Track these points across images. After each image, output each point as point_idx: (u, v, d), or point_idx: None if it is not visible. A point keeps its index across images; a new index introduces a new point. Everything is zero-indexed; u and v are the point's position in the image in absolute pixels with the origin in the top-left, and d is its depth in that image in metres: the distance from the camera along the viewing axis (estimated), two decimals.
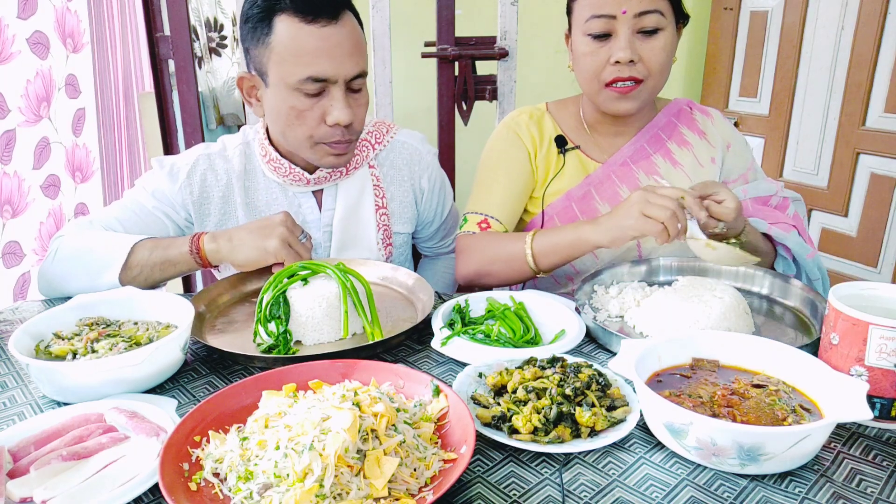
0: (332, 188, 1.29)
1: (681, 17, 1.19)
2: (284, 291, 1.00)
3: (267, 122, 1.23)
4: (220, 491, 0.66)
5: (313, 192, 1.29)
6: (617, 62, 1.13)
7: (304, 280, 1.03)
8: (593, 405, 0.76)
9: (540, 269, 1.16)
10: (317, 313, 0.99)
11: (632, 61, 1.13)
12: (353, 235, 1.30)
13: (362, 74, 1.14)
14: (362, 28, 1.18)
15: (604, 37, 1.14)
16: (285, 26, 1.07)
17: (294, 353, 0.96)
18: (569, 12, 1.22)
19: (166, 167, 1.26)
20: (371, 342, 0.94)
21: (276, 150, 1.25)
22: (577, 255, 1.12)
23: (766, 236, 1.21)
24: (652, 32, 1.13)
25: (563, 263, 1.14)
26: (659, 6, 1.12)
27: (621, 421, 0.75)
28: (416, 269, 1.55)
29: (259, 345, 0.98)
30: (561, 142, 1.30)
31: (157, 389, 0.89)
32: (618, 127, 1.30)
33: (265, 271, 1.16)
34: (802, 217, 1.29)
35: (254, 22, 1.10)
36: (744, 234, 1.12)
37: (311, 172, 1.25)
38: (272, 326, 0.98)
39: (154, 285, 1.17)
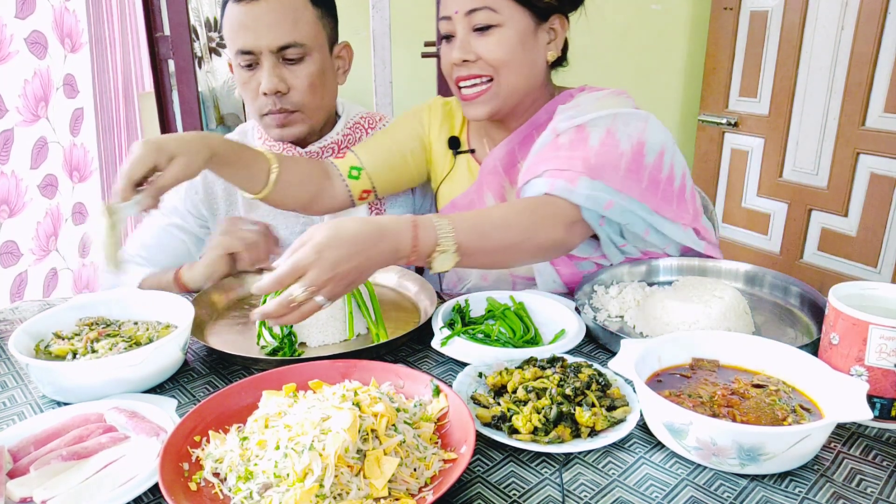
0: None
1: (546, 12, 1.10)
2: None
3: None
4: (220, 491, 0.66)
5: None
6: (456, 63, 1.11)
7: None
8: (593, 405, 0.76)
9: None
10: (321, 315, 0.99)
11: (466, 60, 1.09)
12: (344, 214, 1.31)
13: (294, 45, 1.16)
14: (319, 2, 1.21)
15: (449, 38, 1.12)
16: (228, 8, 1.18)
17: (299, 354, 0.96)
18: None
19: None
20: (375, 343, 0.94)
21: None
22: None
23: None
24: (485, 29, 1.07)
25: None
26: (487, 2, 1.06)
27: (621, 421, 0.75)
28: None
29: (263, 347, 0.98)
30: (455, 143, 1.27)
31: (157, 389, 0.89)
32: (499, 127, 1.22)
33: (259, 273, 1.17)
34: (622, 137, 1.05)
35: (220, 10, 1.23)
36: (444, 244, 0.87)
37: (302, 147, 1.29)
38: (276, 328, 0.98)
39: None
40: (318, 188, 1.20)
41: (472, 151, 1.28)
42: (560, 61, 1.20)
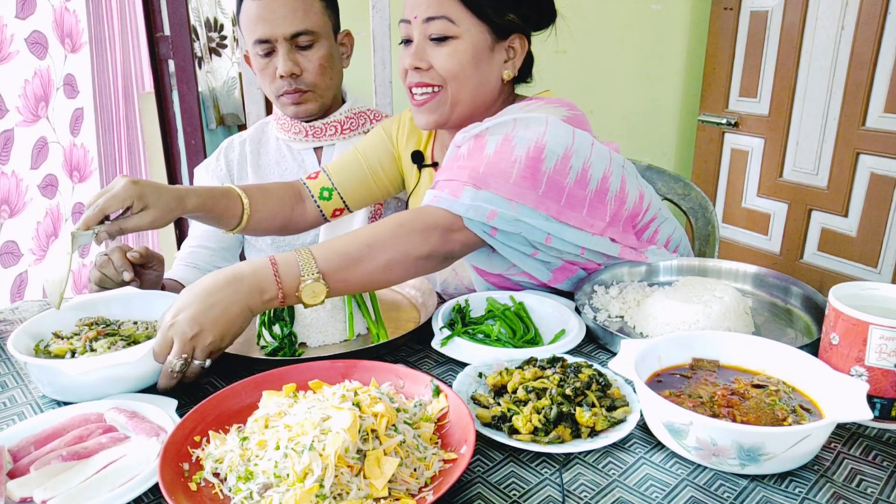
0: (331, 147, 1.47)
1: (506, 30, 1.08)
2: None
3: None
4: (220, 491, 0.66)
5: (315, 150, 1.48)
6: (408, 68, 1.10)
7: None
8: (593, 405, 0.76)
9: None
10: (321, 315, 0.99)
11: (418, 67, 1.08)
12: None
13: (305, 32, 1.32)
14: None
15: (408, 42, 1.11)
16: (244, 5, 1.33)
17: (300, 354, 0.96)
18: None
19: (201, 166, 1.53)
20: (376, 343, 0.94)
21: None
22: None
23: None
24: (441, 39, 1.06)
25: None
26: (448, 13, 1.04)
27: (621, 421, 0.75)
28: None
29: (263, 347, 0.98)
30: (417, 157, 1.28)
31: (157, 389, 0.89)
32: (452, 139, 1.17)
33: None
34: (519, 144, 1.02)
35: (236, 6, 1.38)
36: (307, 278, 0.86)
37: (308, 122, 1.44)
38: (277, 329, 0.98)
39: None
40: (290, 215, 1.27)
41: (436, 165, 1.28)
42: (523, 77, 1.18)
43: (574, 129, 1.05)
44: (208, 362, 0.84)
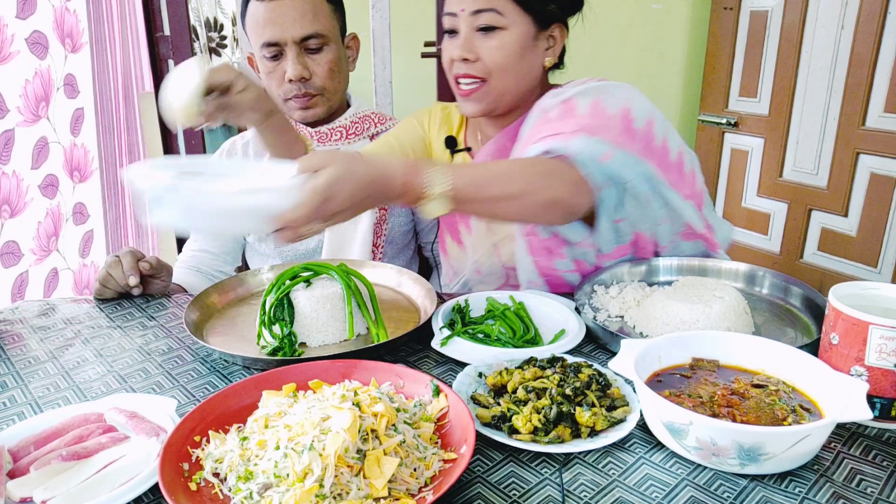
0: None
1: (548, 20, 1.12)
2: (288, 293, 1.00)
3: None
4: (220, 491, 0.66)
5: None
6: (456, 59, 1.13)
7: (308, 282, 1.03)
8: (593, 405, 0.76)
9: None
10: (321, 315, 0.99)
11: (467, 59, 1.11)
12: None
13: (315, 35, 1.31)
14: (331, 0, 1.35)
15: (452, 33, 1.14)
16: (251, 6, 1.32)
17: (300, 354, 0.96)
18: None
19: None
20: (375, 343, 0.94)
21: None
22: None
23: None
24: (489, 30, 1.09)
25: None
26: (496, 5, 1.08)
27: (621, 421, 0.75)
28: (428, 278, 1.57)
29: (263, 347, 0.98)
30: (451, 142, 1.30)
31: (157, 389, 0.89)
32: (493, 124, 1.24)
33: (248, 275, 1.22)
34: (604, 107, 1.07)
35: (241, 8, 1.36)
36: (436, 186, 0.87)
37: (314, 128, 1.43)
38: (276, 329, 0.98)
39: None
40: None
41: (469, 150, 1.30)
42: (557, 65, 1.22)
43: (654, 106, 1.10)
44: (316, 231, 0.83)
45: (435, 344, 0.95)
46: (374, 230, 1.40)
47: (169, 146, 2.25)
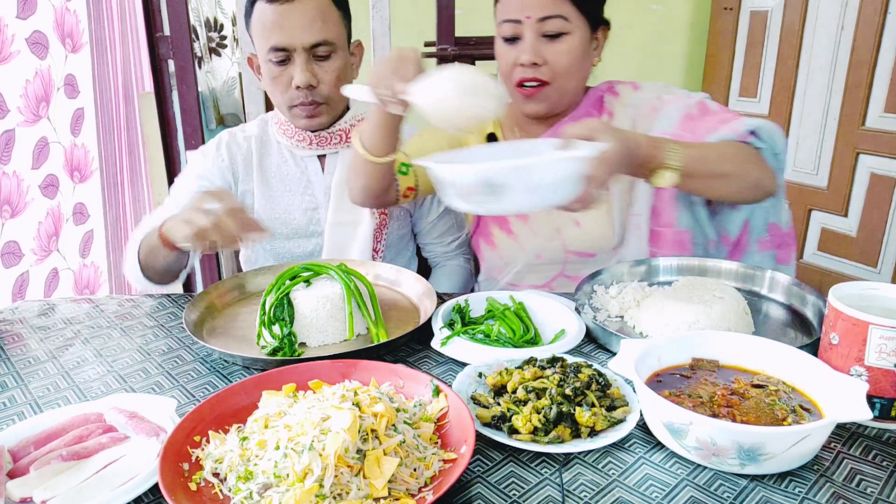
0: (335, 155, 1.41)
1: (597, 22, 1.21)
2: (288, 293, 1.00)
3: (267, 92, 1.42)
4: (220, 491, 0.66)
5: (319, 158, 1.41)
6: (522, 64, 1.17)
7: (307, 282, 1.03)
8: (593, 405, 0.76)
9: (369, 150, 1.11)
10: (321, 314, 0.99)
11: (535, 63, 1.16)
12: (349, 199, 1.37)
13: (324, 43, 1.27)
14: (341, 4, 1.32)
15: (513, 40, 1.18)
16: (258, 8, 1.27)
17: (299, 354, 0.96)
18: (494, 14, 1.25)
19: (198, 151, 1.45)
20: (376, 343, 0.94)
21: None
22: (379, 118, 1.08)
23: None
24: (556, 36, 1.16)
25: (381, 133, 1.10)
26: (562, 11, 1.14)
27: (621, 421, 0.75)
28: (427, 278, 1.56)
29: (263, 347, 0.98)
30: (493, 138, 1.34)
31: (157, 389, 0.89)
32: (535, 121, 1.30)
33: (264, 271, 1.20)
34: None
35: (246, 8, 1.32)
36: (672, 160, 0.98)
37: (314, 132, 1.38)
38: (276, 329, 0.98)
39: (167, 275, 1.24)
40: (391, 181, 1.22)
41: None
42: None
43: None
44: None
45: (435, 344, 0.95)
46: (374, 235, 1.39)
47: (169, 146, 2.24)
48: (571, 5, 1.15)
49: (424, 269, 1.58)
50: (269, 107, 2.42)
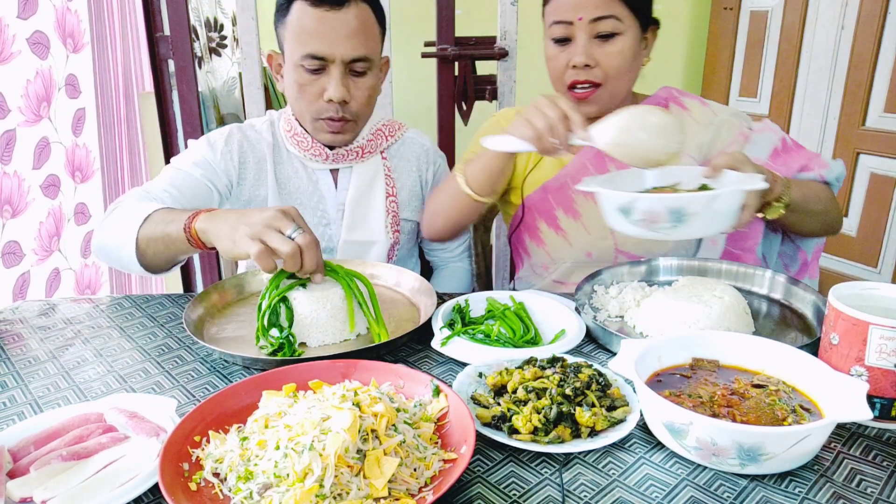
0: (348, 170, 1.36)
1: (647, 22, 1.21)
2: (282, 297, 0.99)
3: (287, 97, 1.33)
4: (220, 491, 0.66)
5: (331, 171, 1.36)
6: (574, 66, 1.17)
7: (303, 284, 1.01)
8: (593, 405, 0.76)
9: (475, 190, 1.16)
10: (321, 314, 0.99)
11: (588, 65, 1.16)
12: (363, 216, 1.36)
13: (364, 59, 1.22)
14: (381, 19, 1.27)
15: (564, 41, 1.18)
16: (297, 8, 1.20)
17: (300, 354, 0.96)
18: (543, 16, 1.25)
19: (203, 140, 1.34)
20: (376, 343, 0.94)
21: (302, 127, 1.33)
22: (496, 164, 1.13)
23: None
24: (608, 37, 1.16)
25: (492, 177, 1.15)
26: (615, 12, 1.14)
27: (621, 421, 0.75)
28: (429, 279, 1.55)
29: (262, 347, 0.98)
30: None
31: (157, 389, 0.89)
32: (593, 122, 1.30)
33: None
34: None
35: (279, 4, 1.24)
36: (785, 196, 1.07)
37: (331, 149, 1.33)
38: (275, 332, 0.97)
39: (169, 262, 1.14)
40: None
41: None
42: None
43: None
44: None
45: (435, 344, 0.95)
46: (387, 253, 1.37)
47: (169, 145, 2.25)
48: (623, 5, 1.15)
49: (425, 270, 1.58)
50: (269, 107, 2.42)
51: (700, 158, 1.29)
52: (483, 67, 2.01)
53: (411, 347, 0.99)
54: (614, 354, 0.92)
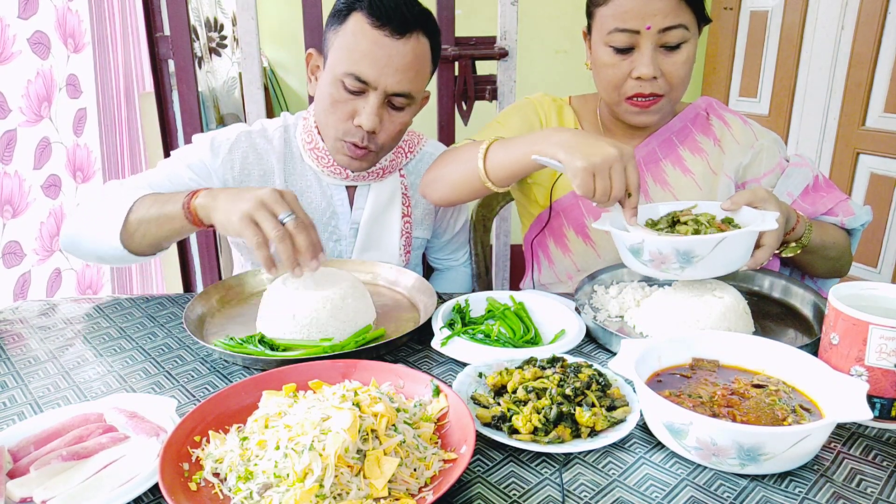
0: (365, 188, 1.30)
1: (703, 22, 1.17)
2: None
3: (315, 104, 1.26)
4: (220, 491, 0.66)
5: (347, 188, 1.30)
6: (639, 77, 1.12)
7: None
8: (593, 405, 0.76)
9: (493, 180, 1.09)
10: (322, 314, 0.99)
11: (654, 77, 1.12)
12: (376, 238, 1.32)
13: (407, 94, 1.16)
14: (436, 56, 1.21)
15: (626, 50, 1.12)
16: (355, 22, 1.13)
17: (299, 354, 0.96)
18: (589, 15, 1.19)
19: (207, 141, 1.28)
20: (376, 343, 0.94)
21: (323, 140, 1.25)
22: (527, 168, 1.05)
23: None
24: (675, 47, 1.11)
25: (516, 175, 1.08)
26: (684, 20, 1.09)
27: (621, 421, 0.76)
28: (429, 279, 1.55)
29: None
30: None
31: (157, 389, 0.89)
32: (633, 130, 1.27)
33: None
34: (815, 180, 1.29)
35: (337, 8, 1.17)
36: (804, 237, 1.08)
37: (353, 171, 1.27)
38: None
39: (156, 246, 1.13)
40: None
41: None
42: None
43: None
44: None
45: (435, 344, 0.95)
46: (403, 234, 1.34)
47: (169, 145, 2.25)
48: (691, 12, 1.10)
49: (425, 270, 1.58)
50: (269, 107, 2.41)
51: (736, 180, 1.26)
52: (483, 67, 2.01)
53: (411, 347, 0.99)
54: (614, 354, 0.92)
